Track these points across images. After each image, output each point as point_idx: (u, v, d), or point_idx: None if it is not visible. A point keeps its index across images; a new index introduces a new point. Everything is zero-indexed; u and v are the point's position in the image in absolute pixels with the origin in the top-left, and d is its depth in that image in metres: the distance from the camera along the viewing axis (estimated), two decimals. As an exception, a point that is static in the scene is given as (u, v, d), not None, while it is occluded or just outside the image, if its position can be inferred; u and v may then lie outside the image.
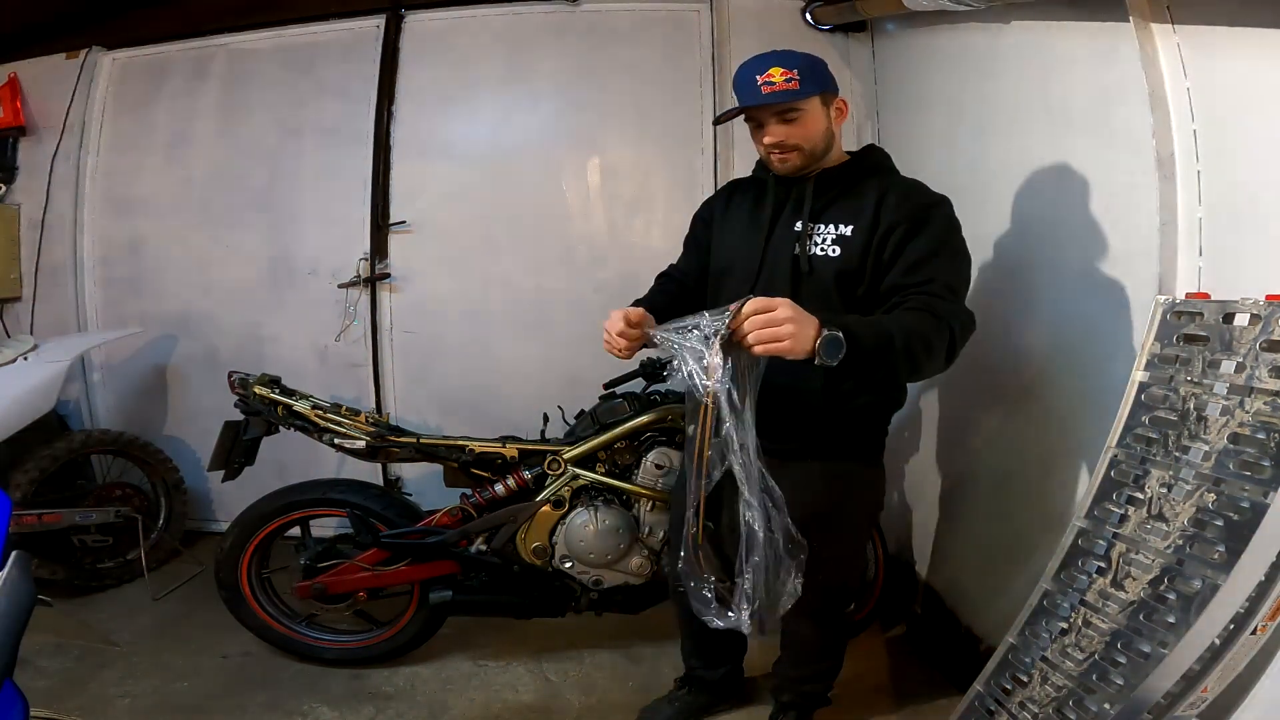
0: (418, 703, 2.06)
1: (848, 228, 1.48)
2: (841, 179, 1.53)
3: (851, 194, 1.51)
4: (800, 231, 1.50)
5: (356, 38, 2.97)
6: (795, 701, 1.85)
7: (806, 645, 1.81)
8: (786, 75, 1.43)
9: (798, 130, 1.47)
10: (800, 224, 1.51)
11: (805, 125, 1.47)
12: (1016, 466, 1.99)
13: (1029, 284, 1.93)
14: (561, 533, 2.06)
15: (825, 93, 1.49)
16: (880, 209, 1.46)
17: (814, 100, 1.47)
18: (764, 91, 1.43)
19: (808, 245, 1.49)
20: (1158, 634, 1.28)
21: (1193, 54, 1.46)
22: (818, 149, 1.51)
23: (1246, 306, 1.25)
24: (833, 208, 1.51)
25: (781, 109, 1.45)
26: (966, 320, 1.40)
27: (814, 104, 1.47)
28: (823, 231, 1.49)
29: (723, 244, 1.65)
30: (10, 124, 2.98)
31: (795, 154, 1.50)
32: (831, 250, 1.48)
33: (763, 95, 1.44)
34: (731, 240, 1.62)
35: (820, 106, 1.49)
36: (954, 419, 2.30)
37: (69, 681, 2.09)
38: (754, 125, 1.52)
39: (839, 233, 1.48)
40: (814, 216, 1.51)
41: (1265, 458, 1.19)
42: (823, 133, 1.50)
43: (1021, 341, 1.96)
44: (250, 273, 3.01)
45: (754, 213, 1.60)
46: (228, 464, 2.12)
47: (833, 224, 1.49)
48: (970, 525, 2.22)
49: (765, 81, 1.43)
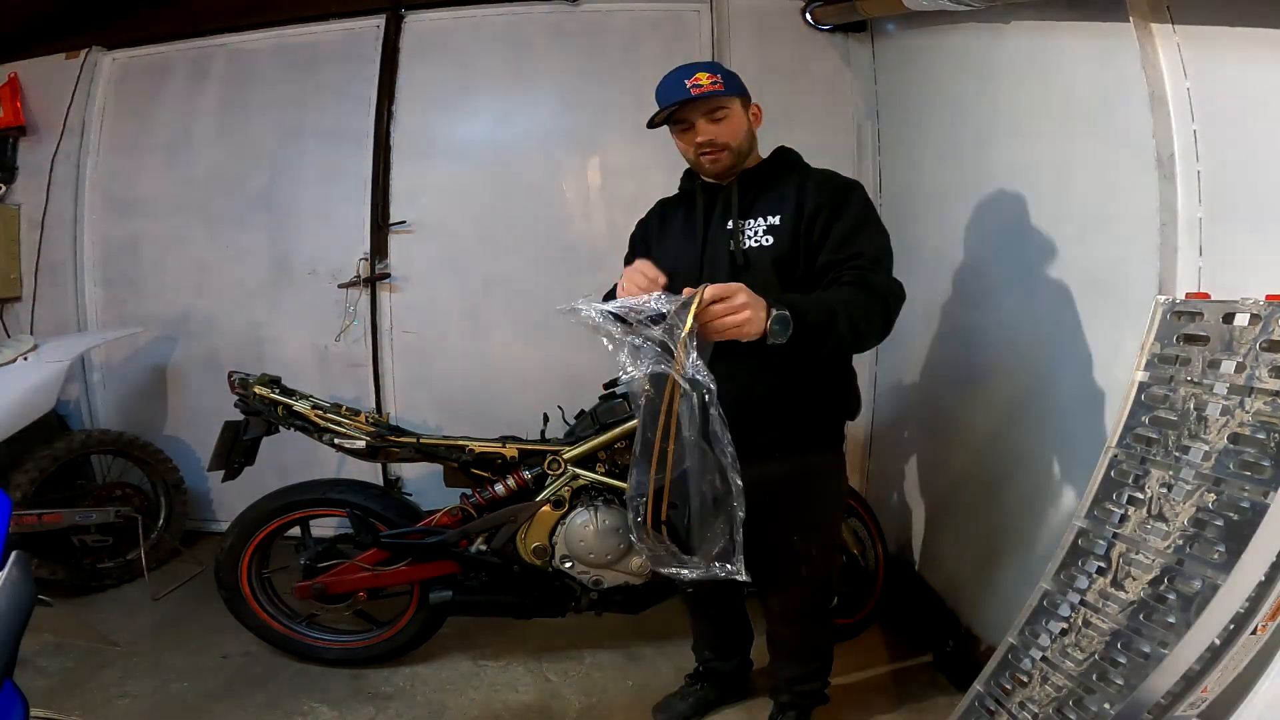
0: (418, 703, 2.06)
1: (776, 217, 1.58)
2: (762, 176, 1.64)
3: (773, 188, 1.62)
4: (732, 229, 1.60)
5: (356, 38, 2.97)
6: (794, 702, 1.87)
7: (793, 644, 1.84)
8: (711, 79, 1.54)
9: (725, 129, 1.57)
10: (731, 222, 1.61)
11: (731, 124, 1.58)
12: (1016, 466, 1.99)
13: (1029, 284, 1.93)
14: (561, 533, 2.05)
15: (744, 97, 1.61)
16: (802, 196, 1.57)
17: (736, 101, 1.59)
18: (693, 93, 1.53)
19: (741, 240, 1.59)
20: (1158, 634, 1.28)
21: (1193, 54, 1.46)
22: (743, 148, 1.61)
23: (1246, 306, 1.25)
24: (759, 202, 1.61)
25: (710, 108, 1.55)
26: (897, 289, 1.50)
27: (737, 105, 1.59)
28: (754, 225, 1.59)
29: (663, 253, 1.70)
30: (10, 124, 2.98)
31: (725, 152, 1.59)
32: (765, 240, 1.57)
33: (688, 92, 1.53)
34: (671, 249, 1.69)
35: (741, 109, 1.60)
36: (954, 419, 2.30)
37: (69, 681, 2.09)
38: (682, 129, 1.60)
39: (769, 223, 1.58)
40: (743, 213, 1.61)
41: (1265, 458, 1.19)
42: (745, 133, 1.61)
43: (1021, 341, 1.96)
44: (250, 273, 3.01)
45: (687, 221, 1.69)
46: (228, 464, 2.12)
47: (762, 216, 1.59)
48: (970, 525, 2.22)
49: (694, 84, 1.54)
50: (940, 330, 2.37)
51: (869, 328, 1.44)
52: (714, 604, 1.97)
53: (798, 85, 2.86)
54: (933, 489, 2.45)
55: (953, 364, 2.33)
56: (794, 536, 1.67)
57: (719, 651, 2.01)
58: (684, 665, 2.11)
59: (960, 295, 2.25)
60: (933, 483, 2.45)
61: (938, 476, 2.42)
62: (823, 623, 1.85)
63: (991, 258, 2.04)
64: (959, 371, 2.28)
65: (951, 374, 2.33)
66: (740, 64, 2.83)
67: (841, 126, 2.89)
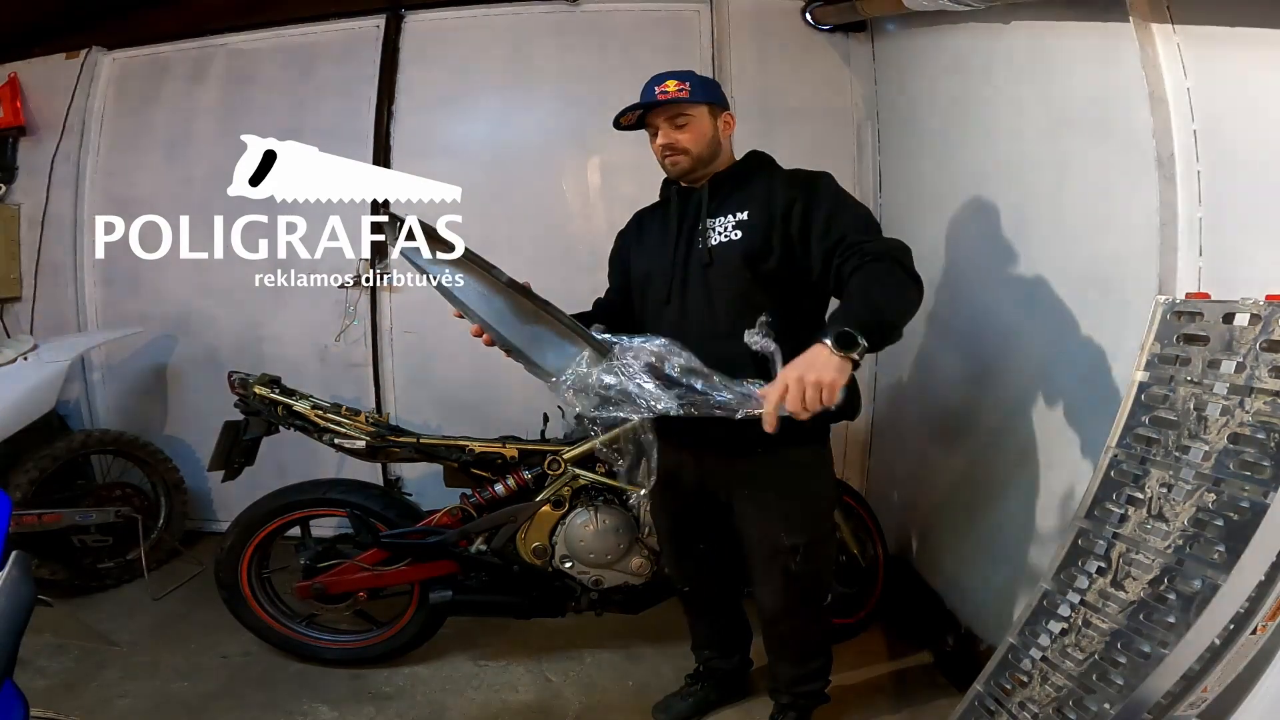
0: (418, 703, 2.06)
1: (745, 213, 1.63)
2: (732, 178, 1.69)
3: (743, 187, 1.67)
4: (701, 229, 1.65)
5: (356, 38, 2.97)
6: (794, 703, 1.87)
7: (787, 642, 1.84)
8: (679, 86, 1.62)
9: (685, 135, 1.64)
10: (700, 224, 1.66)
11: (692, 131, 1.64)
12: (1016, 466, 1.99)
13: (1029, 284, 1.93)
14: (561, 533, 2.05)
15: (713, 105, 1.66)
16: (771, 192, 1.62)
17: (701, 109, 1.64)
18: (658, 96, 1.62)
19: (710, 238, 1.64)
20: (1158, 634, 1.28)
21: (1193, 54, 1.46)
22: (704, 154, 1.66)
23: (1246, 306, 1.25)
24: (728, 201, 1.66)
25: (672, 113, 1.63)
26: (896, 245, 1.52)
27: (701, 112, 1.64)
28: (723, 223, 1.64)
29: (641, 258, 1.79)
30: (10, 124, 2.98)
31: (683, 156, 1.65)
32: (734, 234, 1.62)
33: (655, 98, 1.62)
34: (649, 253, 1.76)
35: (708, 116, 1.65)
36: (954, 418, 2.30)
37: (69, 681, 2.09)
38: (651, 132, 1.68)
39: (738, 219, 1.63)
40: (711, 213, 1.66)
41: (1265, 458, 1.19)
42: (709, 140, 1.66)
43: (1021, 341, 1.96)
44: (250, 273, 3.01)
45: (663, 226, 1.74)
46: (228, 464, 2.12)
47: (730, 214, 1.64)
48: (970, 525, 2.22)
49: (661, 90, 1.62)
50: (940, 330, 2.38)
51: (915, 291, 1.47)
52: (710, 603, 1.97)
53: (798, 85, 2.86)
54: (932, 488, 2.45)
55: (952, 364, 2.33)
56: (780, 533, 1.67)
57: (719, 650, 2.01)
58: (684, 665, 2.11)
59: (960, 295, 2.25)
60: (932, 482, 2.45)
61: (937, 476, 2.42)
62: (815, 619, 1.84)
63: (991, 258, 2.04)
64: (959, 371, 2.28)
65: (951, 374, 2.33)
66: (740, 64, 2.84)
67: (841, 126, 2.89)
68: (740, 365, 1.52)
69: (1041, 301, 1.89)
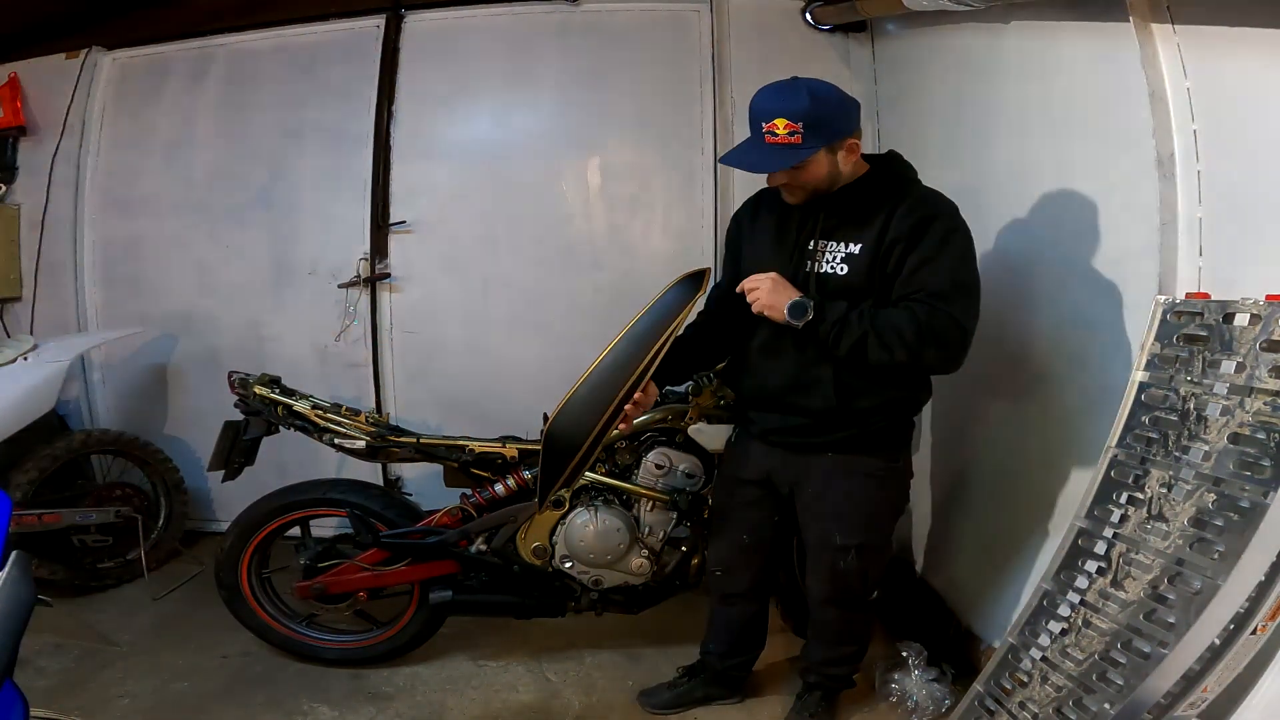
0: (418, 703, 2.06)
1: (856, 245, 1.59)
2: (856, 195, 1.62)
3: (863, 210, 1.61)
4: (813, 250, 1.64)
5: (356, 38, 2.96)
6: (821, 683, 1.92)
7: (831, 630, 1.87)
8: (790, 129, 1.49)
9: (800, 175, 1.57)
10: (813, 242, 1.64)
11: (808, 172, 1.56)
12: (1016, 466, 1.99)
13: (1029, 284, 1.93)
14: (561, 533, 2.05)
15: (830, 144, 1.54)
16: (885, 229, 1.57)
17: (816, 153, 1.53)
18: (766, 142, 1.52)
19: (819, 263, 1.62)
20: (1158, 634, 1.28)
21: (1193, 54, 1.46)
22: (821, 187, 1.60)
23: (1246, 306, 1.25)
24: (844, 226, 1.62)
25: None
26: (941, 326, 1.52)
27: (817, 156, 1.54)
28: (833, 249, 1.61)
29: (752, 258, 1.74)
30: (10, 124, 2.97)
31: (800, 190, 1.61)
32: (840, 269, 1.61)
33: (766, 148, 1.53)
34: (759, 255, 1.72)
35: (825, 155, 1.55)
36: (954, 419, 2.30)
37: (69, 681, 2.09)
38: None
39: (847, 251, 1.60)
40: (825, 234, 1.63)
41: (1265, 458, 1.19)
42: (826, 175, 1.58)
43: (1021, 341, 1.96)
44: (250, 273, 3.01)
45: (779, 229, 1.70)
46: (228, 464, 2.12)
47: (842, 242, 1.61)
48: (970, 525, 2.22)
49: (769, 131, 1.51)
50: (940, 330, 2.37)
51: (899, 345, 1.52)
52: (734, 596, 1.94)
53: (798, 85, 2.86)
54: (933, 489, 2.45)
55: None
56: (835, 532, 1.71)
57: (724, 647, 1.99)
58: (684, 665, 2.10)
59: (960, 295, 2.25)
60: (933, 483, 2.45)
61: (938, 476, 2.42)
62: (858, 611, 1.86)
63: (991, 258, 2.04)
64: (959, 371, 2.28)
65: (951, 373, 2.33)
66: (740, 64, 2.83)
67: (841, 126, 2.89)
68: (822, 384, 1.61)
69: (1041, 301, 1.89)
